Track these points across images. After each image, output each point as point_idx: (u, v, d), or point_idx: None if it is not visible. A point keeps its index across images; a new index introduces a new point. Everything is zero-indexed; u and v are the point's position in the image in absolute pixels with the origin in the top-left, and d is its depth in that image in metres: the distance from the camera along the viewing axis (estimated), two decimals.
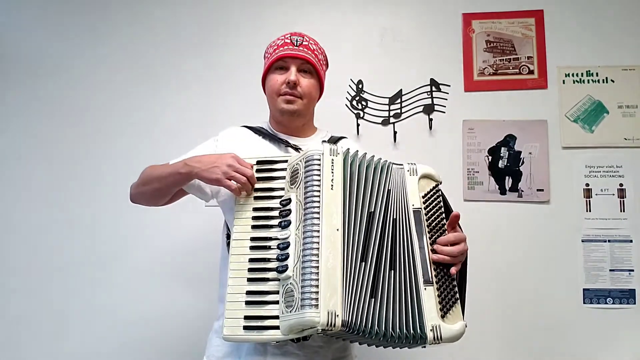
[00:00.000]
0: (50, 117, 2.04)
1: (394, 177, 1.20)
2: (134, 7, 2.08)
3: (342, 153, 1.17)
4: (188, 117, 1.99)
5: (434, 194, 1.21)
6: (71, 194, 1.98)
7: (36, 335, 1.91)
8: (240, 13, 2.04)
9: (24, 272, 1.95)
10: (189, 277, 1.89)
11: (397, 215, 1.16)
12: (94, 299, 1.91)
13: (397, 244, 1.13)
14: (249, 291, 1.11)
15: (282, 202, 1.17)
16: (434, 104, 1.97)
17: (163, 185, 1.32)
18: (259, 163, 1.22)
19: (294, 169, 1.17)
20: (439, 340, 1.06)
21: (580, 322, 1.83)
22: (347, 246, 1.09)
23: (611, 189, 1.89)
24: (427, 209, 1.18)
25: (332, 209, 1.10)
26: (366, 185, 1.16)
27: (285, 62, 1.36)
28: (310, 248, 1.06)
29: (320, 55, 1.43)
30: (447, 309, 1.10)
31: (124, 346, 1.88)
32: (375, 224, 1.13)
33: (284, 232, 1.13)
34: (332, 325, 1.01)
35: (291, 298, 1.05)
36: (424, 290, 1.09)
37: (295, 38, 1.38)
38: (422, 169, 1.23)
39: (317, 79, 1.40)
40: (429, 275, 1.11)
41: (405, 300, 1.08)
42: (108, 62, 2.06)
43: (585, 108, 1.93)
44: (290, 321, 1.04)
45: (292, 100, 1.34)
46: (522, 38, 1.98)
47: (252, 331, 1.08)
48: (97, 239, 1.95)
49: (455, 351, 1.84)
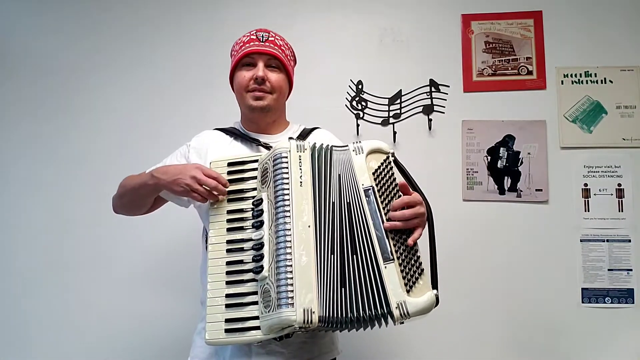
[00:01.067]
0: (51, 117, 2.04)
1: (340, 160, 1.17)
2: (136, 9, 2.09)
3: (310, 148, 1.16)
4: (189, 118, 1.99)
5: (385, 167, 1.17)
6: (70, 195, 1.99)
7: (34, 335, 1.92)
8: (241, 13, 2.05)
9: (24, 272, 1.95)
10: (174, 278, 1.89)
11: (350, 198, 1.14)
12: (90, 299, 1.92)
13: (354, 227, 1.12)
14: (228, 294, 1.12)
15: (254, 202, 1.17)
16: (433, 105, 1.97)
17: (136, 197, 1.35)
18: (229, 165, 1.23)
19: (264, 168, 1.17)
20: (406, 316, 1.05)
21: (579, 321, 1.84)
22: (319, 241, 1.09)
23: (610, 189, 1.90)
24: (379, 184, 1.15)
25: (302, 206, 1.11)
26: (326, 176, 1.15)
27: (252, 59, 1.35)
28: (283, 247, 1.08)
29: (287, 51, 1.42)
30: (413, 282, 1.08)
31: (109, 346, 1.89)
32: (336, 212, 1.13)
33: (257, 233, 1.14)
34: (309, 322, 1.02)
35: (269, 298, 1.06)
36: (384, 268, 1.07)
37: (261, 34, 1.38)
38: (368, 145, 1.18)
39: (285, 74, 1.39)
40: (388, 252, 1.09)
41: (368, 281, 1.08)
42: (109, 63, 2.06)
43: (583, 108, 1.94)
44: (269, 321, 1.05)
45: (262, 96, 1.33)
46: (521, 39, 1.99)
47: (234, 333, 1.09)
48: (81, 240, 1.95)
49: (455, 349, 1.85)
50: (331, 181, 1.15)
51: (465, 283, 1.87)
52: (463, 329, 1.85)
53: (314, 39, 2.02)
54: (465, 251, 1.89)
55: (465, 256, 1.89)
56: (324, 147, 1.19)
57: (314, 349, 1.25)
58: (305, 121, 1.49)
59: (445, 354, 1.85)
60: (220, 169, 1.22)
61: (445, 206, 1.91)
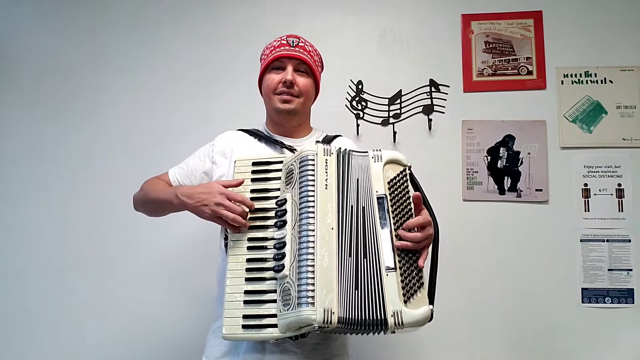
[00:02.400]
0: (52, 118, 2.04)
1: (359, 165, 1.20)
2: (137, 11, 2.09)
3: (336, 152, 1.19)
4: (191, 118, 1.99)
5: (401, 179, 1.20)
6: (72, 195, 1.99)
7: (34, 335, 1.92)
8: (241, 14, 2.05)
9: (25, 272, 1.95)
10: (187, 278, 1.89)
11: (366, 203, 1.16)
12: (93, 300, 1.92)
13: (366, 232, 1.14)
14: (247, 290, 1.13)
15: (277, 202, 1.18)
16: (433, 105, 1.97)
17: (159, 208, 1.37)
18: (254, 164, 1.24)
19: (289, 170, 1.19)
20: (400, 326, 1.06)
21: (579, 321, 1.84)
22: (341, 244, 1.11)
23: (609, 189, 1.90)
24: (393, 194, 1.18)
25: (326, 208, 1.12)
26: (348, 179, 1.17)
27: (281, 62, 1.38)
28: (305, 247, 1.09)
29: (316, 57, 1.45)
30: (411, 294, 1.10)
31: (123, 347, 1.89)
32: (354, 216, 1.15)
33: (280, 232, 1.15)
34: (329, 322, 1.03)
35: (288, 296, 1.07)
36: (386, 276, 1.09)
37: (291, 39, 1.41)
38: (387, 155, 1.21)
39: (313, 79, 1.42)
40: (392, 261, 1.11)
41: (370, 287, 1.09)
42: (110, 64, 2.07)
43: (583, 108, 1.94)
44: (288, 319, 1.06)
45: (289, 99, 1.36)
46: (521, 39, 1.99)
47: (251, 330, 1.10)
48: (96, 240, 1.95)
49: (455, 350, 1.85)
50: (350, 185, 1.17)
51: (466, 283, 1.87)
52: (463, 329, 1.85)
53: (314, 39, 2.00)
54: (465, 251, 1.89)
55: (465, 256, 1.89)
56: (347, 151, 1.21)
57: (326, 351, 1.26)
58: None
59: (445, 354, 1.85)
60: (244, 167, 1.24)
61: (445, 206, 1.90)
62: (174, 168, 1.45)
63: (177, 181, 1.42)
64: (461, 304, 1.86)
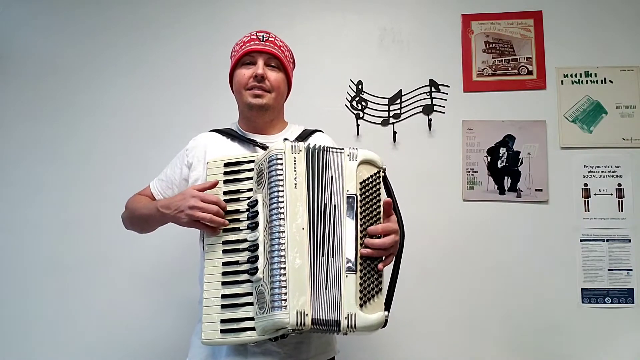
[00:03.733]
0: (52, 118, 2.04)
1: (334, 162, 1.17)
2: (137, 10, 2.09)
3: (305, 149, 1.15)
4: (191, 119, 1.99)
5: (374, 181, 1.17)
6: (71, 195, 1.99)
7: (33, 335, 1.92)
8: (241, 13, 2.05)
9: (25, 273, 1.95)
10: (174, 280, 1.89)
11: (337, 202, 1.14)
12: (91, 300, 1.92)
13: (333, 231, 1.12)
14: (224, 295, 1.13)
15: (249, 203, 1.17)
16: (433, 105, 1.97)
17: (145, 224, 1.39)
18: (226, 165, 1.23)
19: (260, 169, 1.17)
20: (352, 329, 1.06)
21: (579, 321, 1.84)
22: (312, 243, 1.10)
23: (609, 189, 1.90)
24: (363, 195, 1.15)
25: (297, 208, 1.11)
26: (320, 177, 1.15)
27: (252, 57, 1.37)
28: (277, 249, 1.08)
29: (287, 52, 1.43)
30: (368, 298, 1.09)
31: (108, 347, 1.89)
32: (327, 214, 1.13)
33: (253, 234, 1.14)
34: (302, 324, 1.03)
35: (263, 300, 1.07)
36: (345, 277, 1.09)
37: (261, 34, 1.40)
38: (363, 154, 1.18)
39: (284, 73, 1.40)
40: (353, 263, 1.10)
41: (329, 286, 1.09)
42: (110, 64, 2.06)
43: (583, 108, 1.94)
44: (263, 323, 1.06)
45: (261, 94, 1.34)
46: (521, 39, 1.99)
47: (230, 334, 1.10)
48: (96, 240, 1.95)
49: (455, 349, 1.85)
50: (324, 182, 1.15)
51: (465, 283, 1.87)
52: (463, 329, 1.85)
53: (313, 39, 2.02)
54: (465, 251, 1.89)
55: (465, 256, 1.89)
56: (320, 148, 1.18)
57: (310, 349, 1.26)
58: (305, 121, 1.49)
59: (445, 354, 1.85)
60: (216, 169, 1.22)
61: (445, 206, 1.91)
62: (155, 180, 1.45)
63: (159, 194, 1.42)
64: (461, 304, 1.86)
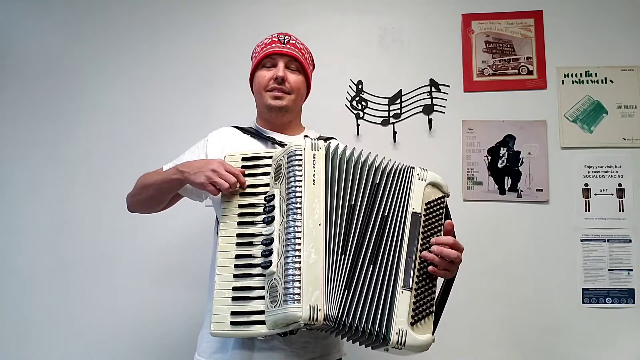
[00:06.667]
0: (51, 118, 2.04)
1: (398, 176, 1.19)
2: (137, 10, 2.09)
3: (324, 148, 1.17)
4: (191, 118, 1.99)
5: (438, 205, 1.20)
6: (71, 195, 1.99)
7: (33, 335, 1.91)
8: (241, 13, 2.05)
9: (25, 272, 1.95)
10: (182, 276, 1.89)
11: (392, 213, 1.16)
12: (92, 299, 1.92)
13: (384, 241, 1.13)
14: (235, 287, 1.13)
15: (266, 198, 1.17)
16: (433, 104, 1.97)
17: (158, 193, 1.35)
18: (244, 159, 1.23)
19: (278, 165, 1.18)
20: (401, 346, 1.06)
21: (579, 322, 1.83)
22: (329, 240, 1.10)
23: (610, 189, 1.90)
24: (427, 217, 1.17)
25: (314, 204, 1.11)
26: (347, 179, 1.16)
27: (272, 59, 1.38)
28: (292, 244, 1.08)
29: (307, 55, 1.44)
30: (419, 318, 1.10)
31: (112, 347, 1.89)
32: (356, 216, 1.14)
33: (268, 228, 1.14)
34: (314, 319, 1.02)
35: (275, 293, 1.07)
36: (401, 293, 1.09)
37: (282, 37, 1.41)
38: (432, 177, 1.21)
39: (304, 76, 1.41)
40: (410, 280, 1.10)
41: (379, 298, 1.09)
42: (109, 64, 2.06)
43: (584, 108, 1.94)
44: (275, 316, 1.06)
45: (281, 96, 1.36)
46: (522, 39, 1.98)
47: (239, 326, 1.10)
48: (96, 239, 1.95)
49: (455, 349, 1.84)
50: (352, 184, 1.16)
51: (465, 283, 1.86)
52: (463, 329, 1.85)
53: (314, 39, 2.00)
54: (465, 251, 1.86)
55: (465, 256, 1.85)
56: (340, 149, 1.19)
57: (316, 349, 1.26)
58: (304, 121, 1.49)
59: (445, 354, 1.84)
60: (234, 163, 1.23)
61: None
62: (169, 164, 1.44)
63: None
64: (461, 304, 1.85)
